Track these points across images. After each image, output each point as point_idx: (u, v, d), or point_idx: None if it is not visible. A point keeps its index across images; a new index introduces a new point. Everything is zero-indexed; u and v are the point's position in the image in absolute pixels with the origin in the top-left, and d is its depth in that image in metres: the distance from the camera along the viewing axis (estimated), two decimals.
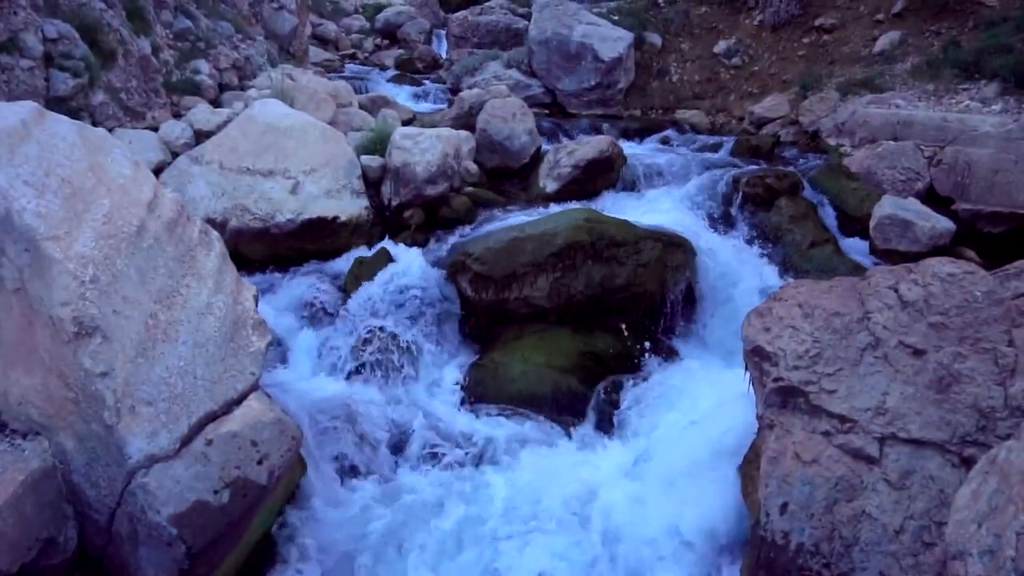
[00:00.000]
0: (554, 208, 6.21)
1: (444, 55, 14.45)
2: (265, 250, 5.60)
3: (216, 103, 7.92)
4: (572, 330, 5.15)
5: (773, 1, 10.09)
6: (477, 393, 4.75)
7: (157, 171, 5.86)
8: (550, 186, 6.66)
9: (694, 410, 4.32)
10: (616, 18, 10.76)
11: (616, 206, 6.40)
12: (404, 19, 15.92)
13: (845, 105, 7.79)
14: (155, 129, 6.55)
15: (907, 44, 8.55)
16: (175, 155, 6.17)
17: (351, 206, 5.81)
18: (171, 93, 7.64)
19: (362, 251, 5.67)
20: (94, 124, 6.34)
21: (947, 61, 7.67)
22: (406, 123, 7.96)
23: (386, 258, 5.41)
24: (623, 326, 5.29)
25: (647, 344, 5.17)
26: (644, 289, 5.27)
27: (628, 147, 7.54)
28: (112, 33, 6.79)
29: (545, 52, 10.03)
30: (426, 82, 12.05)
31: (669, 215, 6.09)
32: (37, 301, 3.00)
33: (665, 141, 8.42)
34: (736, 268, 5.57)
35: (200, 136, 6.47)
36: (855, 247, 5.96)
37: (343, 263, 5.58)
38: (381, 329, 4.81)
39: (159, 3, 8.28)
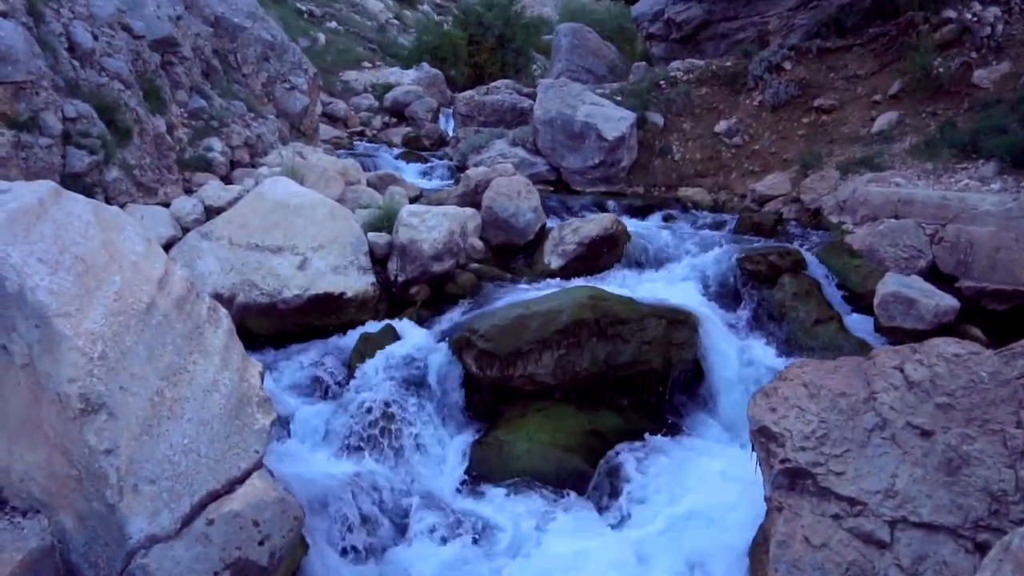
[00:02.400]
0: (559, 285, 6.26)
1: (451, 133, 14.76)
2: (272, 325, 5.64)
3: (227, 180, 8.09)
4: (577, 407, 5.13)
5: (772, 82, 10.35)
6: (481, 472, 4.71)
7: (168, 246, 5.95)
8: (555, 263, 6.73)
9: (700, 491, 4.27)
10: (619, 98, 11.03)
11: (620, 283, 6.45)
12: (412, 98, 16.32)
13: (846, 183, 7.92)
14: (167, 205, 6.67)
15: (904, 124, 8.74)
16: (186, 230, 6.27)
17: (358, 282, 5.87)
18: (183, 169, 7.81)
19: (368, 327, 5.70)
20: (107, 200, 6.48)
21: (944, 141, 7.82)
22: (413, 200, 8.09)
23: (391, 334, 5.44)
24: (628, 403, 5.27)
25: (652, 422, 5.13)
26: (649, 366, 5.27)
27: (632, 224, 7.64)
28: (129, 112, 6.98)
29: (550, 131, 10.26)
30: (433, 159, 12.28)
31: (673, 292, 6.13)
32: (45, 377, 3.02)
33: (668, 218, 8.53)
34: (741, 346, 5.58)
35: (211, 212, 6.59)
36: (860, 324, 5.97)
37: (349, 339, 5.60)
38: (386, 405, 4.79)
39: (175, 83, 8.53)
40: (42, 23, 6.50)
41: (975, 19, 8.94)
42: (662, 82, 11.40)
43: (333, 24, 22.18)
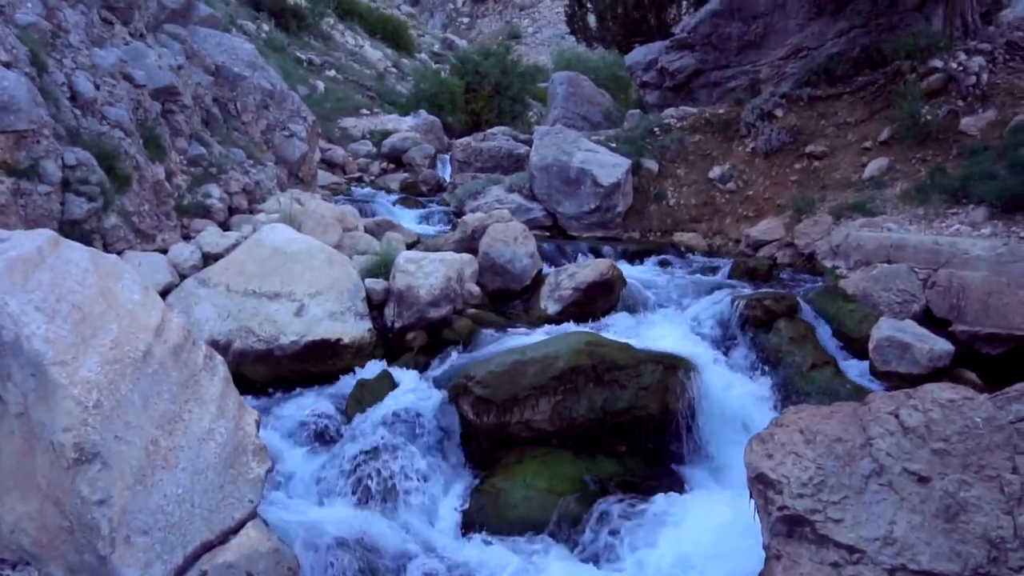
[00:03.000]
0: (555, 330, 6.27)
1: (448, 179, 14.89)
2: (268, 372, 5.63)
3: (225, 226, 8.14)
4: (574, 454, 5.10)
5: (764, 129, 10.51)
6: (478, 520, 4.66)
7: (165, 293, 5.97)
8: (551, 308, 6.75)
9: (697, 538, 4.23)
10: (614, 145, 11.18)
11: (617, 328, 6.47)
12: (410, 144, 16.50)
13: (839, 228, 8.00)
14: (164, 251, 6.71)
15: (895, 170, 8.86)
16: (183, 277, 6.30)
17: (354, 328, 5.88)
18: (182, 216, 7.86)
19: (364, 373, 5.70)
20: (105, 246, 6.51)
21: (934, 187, 7.92)
22: (410, 246, 8.15)
23: (388, 381, 5.43)
24: (626, 450, 5.25)
25: (650, 469, 5.10)
26: (646, 412, 5.26)
27: (628, 269, 7.69)
28: (129, 160, 7.05)
29: (546, 177, 10.37)
30: (430, 205, 12.39)
31: (669, 337, 6.14)
32: (39, 426, 3.01)
33: (664, 263, 8.58)
34: (737, 390, 5.58)
35: (208, 258, 6.62)
36: (855, 368, 5.98)
37: (345, 385, 5.59)
38: (381, 453, 4.77)
39: (175, 131, 8.63)
40: (45, 73, 6.60)
41: (961, 69, 9.12)
42: (656, 129, 11.57)
43: (332, 72, 22.51)
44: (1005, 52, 9.37)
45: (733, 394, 5.56)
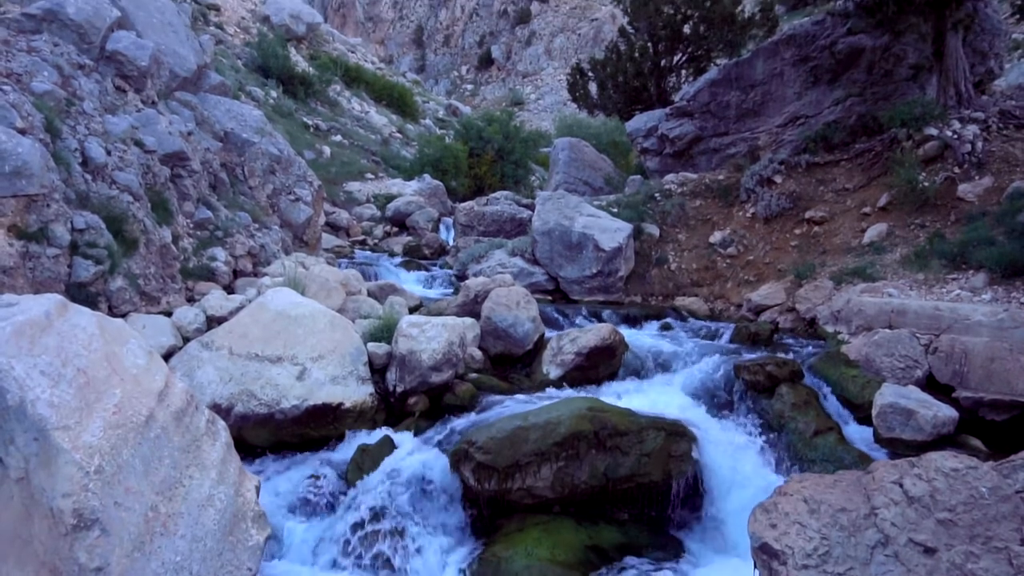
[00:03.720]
0: (557, 395, 6.26)
1: (451, 242, 15.04)
2: (269, 436, 5.61)
3: (230, 289, 8.20)
4: (576, 521, 5.04)
5: (764, 195, 10.65)
6: None
7: (168, 356, 5.99)
8: (553, 373, 6.75)
9: None
10: (615, 210, 11.32)
11: (619, 393, 6.46)
12: (413, 208, 16.71)
13: (839, 293, 8.03)
14: (169, 314, 6.74)
15: (894, 236, 8.94)
16: (187, 340, 6.32)
17: (356, 392, 5.87)
18: (187, 278, 7.93)
19: (365, 438, 5.67)
20: (110, 308, 6.56)
21: (934, 252, 7.99)
22: (413, 310, 8.19)
23: (389, 446, 5.41)
24: (628, 517, 5.19)
25: (653, 537, 5.04)
26: (648, 479, 5.21)
27: (629, 333, 7.70)
28: (136, 223, 7.15)
29: (548, 241, 10.48)
30: (433, 268, 12.48)
31: (672, 403, 6.13)
32: (39, 491, 3.00)
33: (666, 327, 8.60)
34: (741, 457, 5.54)
35: (212, 321, 6.66)
36: (859, 435, 5.94)
37: (346, 450, 5.56)
38: (381, 520, 4.72)
39: (183, 195, 8.78)
40: (59, 139, 6.76)
41: (956, 136, 9.29)
42: (657, 194, 11.73)
43: (338, 137, 22.93)
44: (999, 121, 9.56)
45: (736, 460, 5.51)
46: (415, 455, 5.30)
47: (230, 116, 10.93)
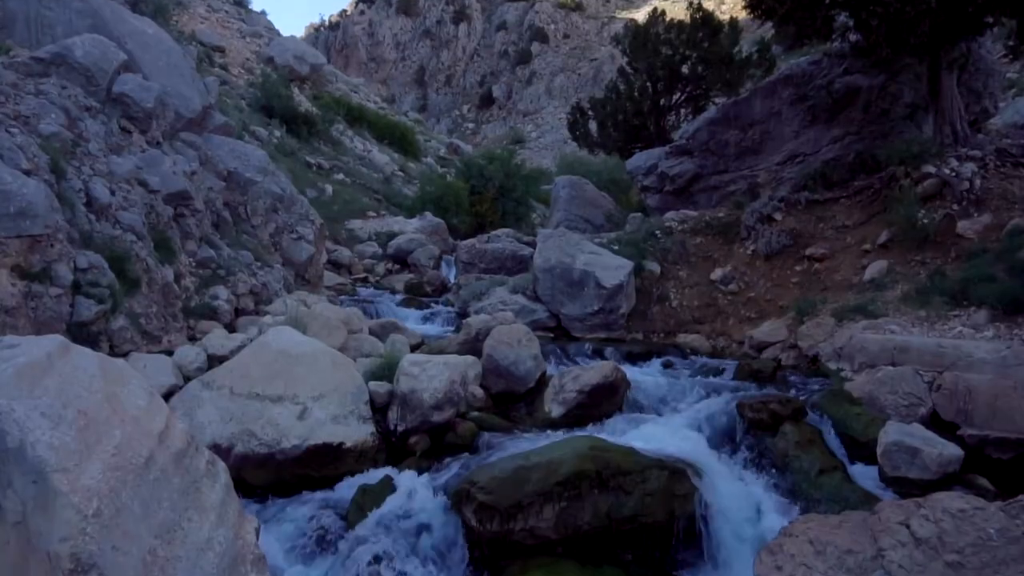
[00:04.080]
0: (560, 434, 6.22)
1: (452, 280, 15.07)
2: (269, 476, 5.56)
3: (232, 327, 8.21)
4: (580, 563, 4.97)
5: (764, 232, 10.69)
6: None
7: (169, 395, 5.97)
8: (555, 411, 6.72)
9: None
10: (616, 247, 11.36)
11: (621, 431, 6.41)
12: (415, 245, 16.78)
13: (842, 330, 8.02)
14: (170, 353, 6.74)
15: (895, 272, 8.96)
16: (188, 379, 6.31)
17: (357, 432, 5.84)
18: (189, 317, 7.94)
19: (367, 477, 5.62)
20: (111, 347, 6.56)
21: (935, 289, 7.99)
22: (415, 348, 8.18)
23: (390, 486, 5.36)
24: (632, 558, 5.12)
25: None
26: (652, 519, 5.15)
27: (632, 371, 7.68)
28: (139, 263, 7.18)
29: (549, 279, 10.49)
30: (435, 305, 12.49)
31: (675, 441, 6.08)
32: (36, 535, 2.97)
33: (668, 365, 8.57)
34: (745, 497, 5.48)
35: (213, 360, 6.65)
36: (864, 474, 5.88)
37: (346, 490, 5.50)
38: (382, 562, 4.66)
39: (186, 234, 8.83)
40: (64, 179, 6.82)
41: (954, 174, 9.36)
42: (658, 232, 11.78)
43: (340, 176, 23.12)
44: (996, 159, 9.64)
45: (740, 500, 5.46)
46: (416, 495, 5.25)
47: (234, 156, 11.03)
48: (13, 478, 3.03)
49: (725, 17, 20.22)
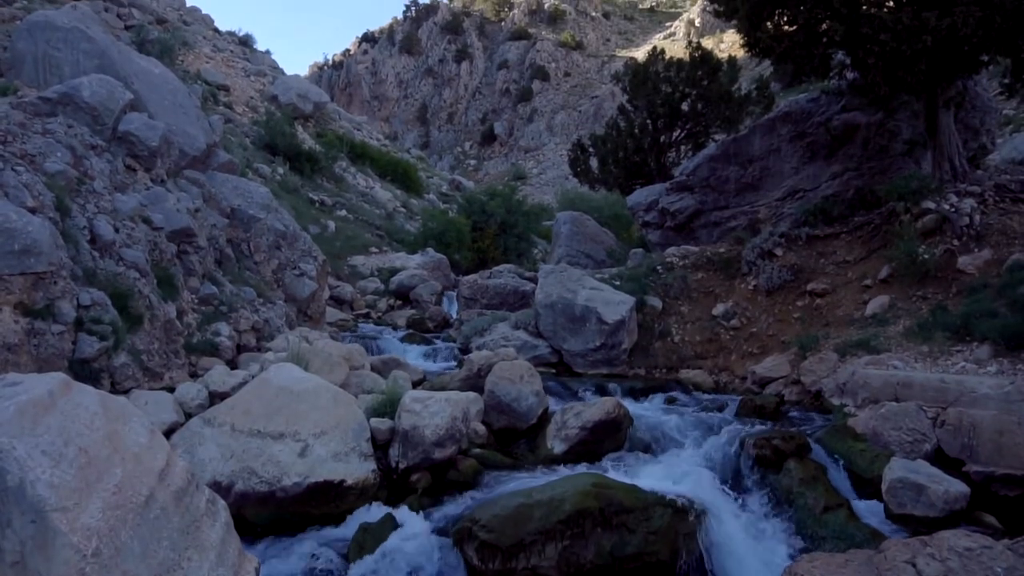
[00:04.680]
0: (562, 471, 6.18)
1: (454, 315, 15.08)
2: (269, 514, 5.51)
3: (233, 364, 8.20)
4: None
5: (765, 268, 10.72)
6: None
7: (170, 432, 5.95)
8: (558, 447, 6.68)
9: None
10: (618, 283, 11.38)
11: (624, 468, 6.37)
12: (417, 281, 16.82)
13: (844, 366, 8.00)
14: (172, 389, 6.72)
15: (897, 308, 8.96)
16: (189, 416, 6.29)
17: (358, 469, 5.81)
18: (190, 353, 7.94)
19: (368, 514, 5.57)
20: (113, 384, 6.55)
21: (937, 324, 7.98)
22: (416, 384, 8.16)
23: (391, 524, 5.31)
24: None
25: None
26: (656, 558, 5.09)
27: (634, 407, 7.64)
28: (142, 299, 7.20)
29: (551, 314, 10.50)
30: (437, 341, 12.48)
31: (678, 478, 6.04)
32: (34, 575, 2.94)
33: (671, 401, 8.53)
34: (749, 535, 5.42)
35: (215, 397, 6.64)
36: (869, 510, 5.82)
37: (347, 528, 5.45)
38: None
39: (189, 271, 8.86)
40: (68, 217, 6.87)
41: (953, 210, 9.41)
42: (659, 267, 11.81)
43: (343, 212, 23.26)
44: (995, 194, 9.70)
45: (745, 537, 5.40)
46: (417, 533, 5.20)
47: (237, 193, 11.12)
48: (12, 517, 3.01)
49: (724, 55, 20.47)
